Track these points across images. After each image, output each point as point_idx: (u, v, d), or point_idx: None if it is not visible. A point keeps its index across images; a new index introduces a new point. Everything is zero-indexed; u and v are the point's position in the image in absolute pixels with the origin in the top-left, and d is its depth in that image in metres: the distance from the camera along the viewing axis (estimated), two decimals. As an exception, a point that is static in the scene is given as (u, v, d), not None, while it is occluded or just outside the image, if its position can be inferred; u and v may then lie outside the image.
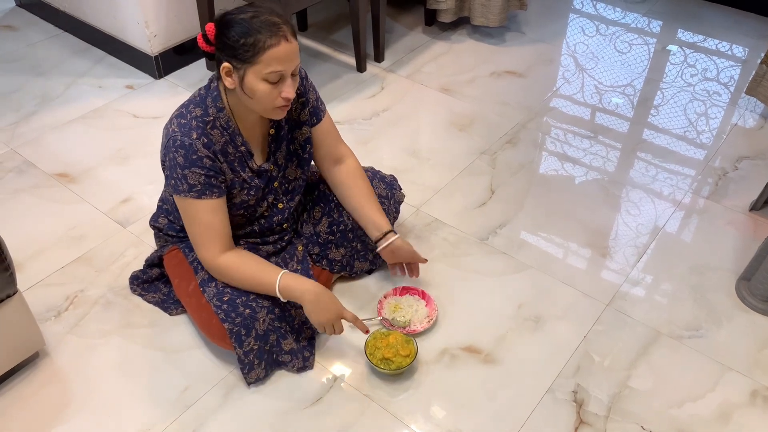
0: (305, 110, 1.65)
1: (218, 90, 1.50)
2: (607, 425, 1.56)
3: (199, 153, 1.46)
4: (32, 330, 1.60)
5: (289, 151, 1.66)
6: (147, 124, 2.49)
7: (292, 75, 1.44)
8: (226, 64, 1.41)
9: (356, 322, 1.59)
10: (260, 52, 1.37)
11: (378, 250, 1.72)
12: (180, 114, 1.49)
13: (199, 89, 1.54)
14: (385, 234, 1.70)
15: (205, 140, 1.47)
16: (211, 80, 1.52)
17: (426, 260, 1.79)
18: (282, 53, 1.38)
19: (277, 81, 1.41)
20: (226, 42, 1.39)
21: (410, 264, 1.78)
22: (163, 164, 1.53)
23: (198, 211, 1.51)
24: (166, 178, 1.53)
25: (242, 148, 1.55)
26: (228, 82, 1.44)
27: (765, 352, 1.72)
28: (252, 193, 1.60)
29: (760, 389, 1.64)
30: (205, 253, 1.55)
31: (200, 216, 1.51)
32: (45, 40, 2.95)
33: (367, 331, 1.62)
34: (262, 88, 1.41)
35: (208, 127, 1.48)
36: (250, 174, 1.58)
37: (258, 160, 1.60)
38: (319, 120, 1.68)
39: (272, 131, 1.60)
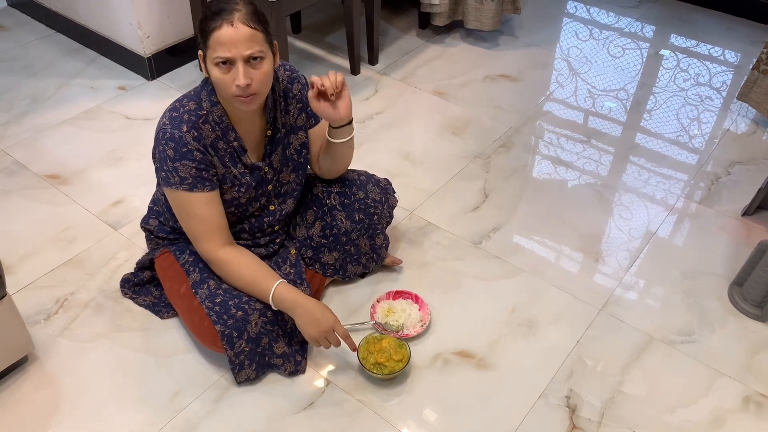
0: (302, 114, 1.64)
1: (213, 84, 1.49)
2: (599, 430, 1.56)
3: (189, 146, 1.46)
4: (21, 333, 1.58)
5: (285, 155, 1.65)
6: (139, 126, 2.48)
7: (247, 62, 1.38)
8: (200, 51, 1.44)
9: (347, 340, 1.59)
10: (208, 37, 1.38)
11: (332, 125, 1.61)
12: (173, 108, 1.50)
13: (197, 85, 1.54)
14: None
15: (195, 134, 1.46)
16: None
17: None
18: (224, 37, 1.35)
19: (227, 66, 1.38)
20: (197, 30, 1.42)
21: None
22: (153, 157, 1.53)
23: (192, 205, 1.50)
24: (156, 170, 1.53)
25: (235, 143, 1.54)
26: (203, 69, 1.45)
27: (757, 357, 1.73)
28: (243, 190, 1.59)
29: (752, 395, 1.64)
30: (205, 245, 1.54)
31: (195, 209, 1.51)
32: (37, 41, 2.93)
33: (354, 349, 1.61)
34: (215, 74, 1.40)
35: (200, 121, 1.48)
36: (242, 170, 1.57)
37: (252, 158, 1.59)
38: (318, 121, 1.68)
39: (269, 132, 1.60)
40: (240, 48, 1.36)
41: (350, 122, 1.61)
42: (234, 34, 1.35)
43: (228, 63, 1.38)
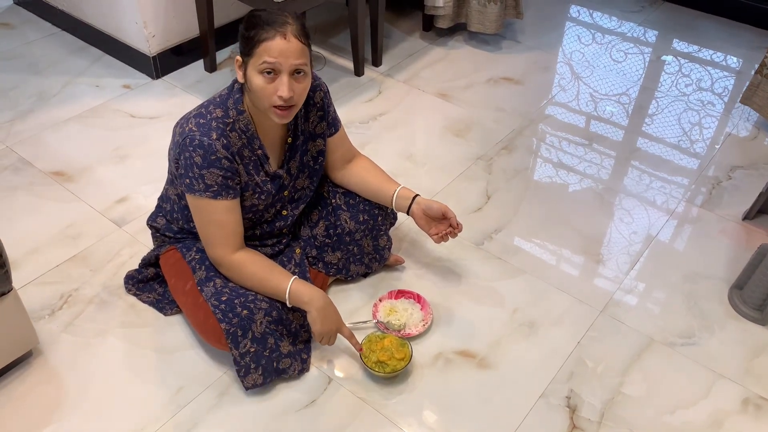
0: (322, 123, 1.67)
1: (240, 92, 1.51)
2: (599, 431, 1.57)
3: (218, 154, 1.47)
4: (26, 328, 1.59)
5: (302, 162, 1.67)
6: (144, 124, 2.49)
7: (292, 75, 1.43)
8: (238, 57, 1.46)
9: (351, 339, 1.62)
10: (256, 45, 1.40)
11: (411, 215, 1.73)
12: (199, 114, 1.50)
13: (221, 91, 1.55)
14: (414, 198, 1.72)
15: (225, 141, 1.48)
16: (234, 82, 1.54)
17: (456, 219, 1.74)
18: (274, 47, 1.39)
19: (272, 76, 1.41)
20: (240, 36, 1.44)
21: (446, 221, 1.73)
22: (176, 162, 1.53)
23: (213, 212, 1.52)
24: (180, 176, 1.53)
25: (259, 151, 1.56)
26: (239, 75, 1.47)
27: (757, 360, 1.74)
28: (263, 197, 1.60)
29: (751, 397, 1.65)
30: (218, 251, 1.55)
31: (215, 216, 1.52)
32: (42, 39, 2.94)
33: (360, 350, 1.63)
34: (257, 82, 1.42)
35: (227, 129, 1.49)
36: (264, 178, 1.59)
37: (273, 165, 1.61)
38: (337, 129, 1.71)
39: (290, 140, 1.62)
40: (288, 59, 1.40)
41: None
42: (286, 47, 1.39)
43: (273, 73, 1.41)
